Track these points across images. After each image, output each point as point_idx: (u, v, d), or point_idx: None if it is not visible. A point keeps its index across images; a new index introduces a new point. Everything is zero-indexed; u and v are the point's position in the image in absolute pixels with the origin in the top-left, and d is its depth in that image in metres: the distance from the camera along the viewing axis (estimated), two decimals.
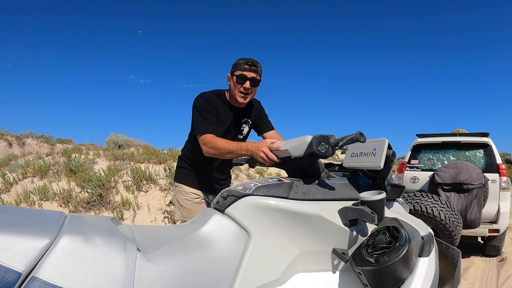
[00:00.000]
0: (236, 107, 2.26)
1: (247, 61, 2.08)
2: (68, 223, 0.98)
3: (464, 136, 5.30)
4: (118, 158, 7.98)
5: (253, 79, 2.10)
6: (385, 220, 1.26)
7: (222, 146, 1.91)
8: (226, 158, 1.94)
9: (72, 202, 5.84)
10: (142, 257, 0.97)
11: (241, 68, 2.07)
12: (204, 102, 2.13)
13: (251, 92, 2.15)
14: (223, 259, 1.12)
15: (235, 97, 2.15)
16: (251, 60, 2.10)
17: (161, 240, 1.10)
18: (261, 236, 1.20)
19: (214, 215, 1.23)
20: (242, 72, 2.07)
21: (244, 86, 2.09)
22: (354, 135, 1.30)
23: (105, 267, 0.89)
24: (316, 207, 1.25)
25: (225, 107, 2.23)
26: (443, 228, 3.53)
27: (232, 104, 2.25)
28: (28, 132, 19.82)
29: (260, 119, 2.44)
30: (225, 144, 1.90)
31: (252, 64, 2.09)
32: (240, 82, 2.08)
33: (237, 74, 2.08)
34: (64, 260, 0.85)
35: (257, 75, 2.11)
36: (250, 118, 2.39)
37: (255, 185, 1.30)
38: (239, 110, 2.29)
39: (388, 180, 1.42)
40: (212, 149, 1.96)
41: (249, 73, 2.08)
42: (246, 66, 2.07)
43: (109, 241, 0.94)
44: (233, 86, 2.14)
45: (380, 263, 1.08)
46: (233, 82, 2.12)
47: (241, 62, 2.08)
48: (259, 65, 2.12)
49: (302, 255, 1.25)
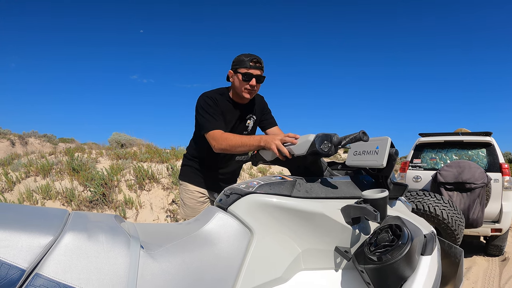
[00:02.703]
0: (240, 103, 2.26)
1: (252, 58, 2.07)
2: (72, 221, 0.99)
3: (466, 136, 5.28)
4: (121, 157, 8.00)
5: (258, 76, 2.10)
6: (387, 218, 1.26)
7: (233, 139, 1.87)
8: (238, 152, 1.89)
9: (74, 201, 5.85)
10: (145, 254, 0.97)
11: (246, 65, 2.06)
12: (209, 100, 2.12)
13: (257, 88, 2.15)
14: (226, 256, 1.12)
15: (240, 94, 2.14)
16: (255, 57, 2.09)
17: (164, 238, 1.11)
18: (264, 234, 1.20)
19: (217, 213, 1.23)
20: (248, 70, 2.06)
21: (250, 84, 2.08)
22: (357, 134, 1.30)
23: (109, 264, 0.89)
24: (319, 205, 1.25)
25: (229, 105, 2.22)
26: (445, 227, 3.52)
27: (236, 101, 2.24)
28: (30, 131, 19.82)
29: (264, 114, 2.43)
30: (237, 137, 1.87)
31: (257, 61, 2.08)
32: (246, 80, 2.07)
33: (242, 72, 2.07)
34: (67, 257, 0.86)
35: (262, 72, 2.11)
36: (255, 114, 2.37)
37: (258, 183, 1.30)
38: (243, 106, 2.28)
39: (391, 178, 1.42)
40: (223, 144, 1.91)
41: (255, 71, 2.07)
42: (251, 64, 2.06)
43: (112, 238, 0.95)
44: (238, 84, 2.12)
45: (383, 261, 1.08)
46: (238, 80, 2.10)
47: (245, 59, 2.07)
48: (262, 61, 2.11)
49: (305, 253, 1.25)
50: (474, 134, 5.34)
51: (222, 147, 1.93)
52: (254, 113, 2.37)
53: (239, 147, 1.84)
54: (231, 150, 1.91)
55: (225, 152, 1.96)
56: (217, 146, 1.96)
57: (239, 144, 1.83)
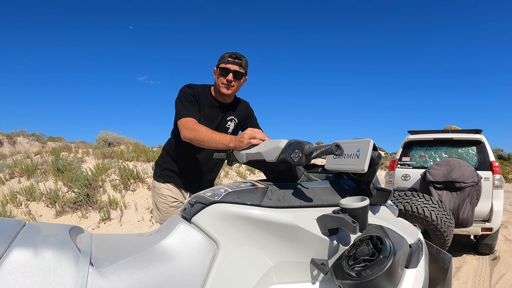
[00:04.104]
0: (221, 102, 2.22)
1: (231, 54, 2.09)
2: (22, 234, 0.93)
3: (456, 133, 5.22)
4: (107, 156, 7.86)
5: (236, 72, 2.09)
6: (369, 228, 1.16)
7: (204, 131, 1.78)
8: (204, 147, 1.80)
9: (59, 202, 5.72)
10: (95, 272, 0.90)
11: (225, 61, 2.08)
12: (189, 90, 2.12)
13: (235, 84, 2.13)
14: (187, 273, 1.02)
15: (219, 89, 2.14)
16: (235, 53, 2.10)
17: (120, 252, 1.02)
18: (230, 247, 1.10)
19: (179, 224, 1.13)
20: (226, 64, 2.08)
21: (227, 78, 2.08)
22: (329, 147, 1.15)
23: (54, 283, 0.84)
24: (291, 216, 1.14)
25: (209, 100, 2.19)
26: (434, 229, 3.46)
27: (217, 98, 2.21)
28: (19, 130, 19.53)
29: (249, 121, 2.39)
30: (208, 131, 1.78)
31: (236, 57, 2.09)
32: (223, 74, 2.08)
33: (221, 66, 2.09)
34: (12, 275, 0.81)
35: (241, 68, 2.11)
36: (237, 117, 2.31)
37: (225, 190, 1.20)
38: (224, 106, 2.24)
39: (373, 183, 1.32)
40: (192, 134, 1.83)
41: (232, 66, 2.08)
42: (230, 59, 2.08)
43: (60, 254, 0.89)
44: (216, 78, 2.14)
45: (362, 277, 0.98)
46: (217, 74, 2.13)
47: (226, 55, 2.09)
48: (244, 58, 2.11)
49: (277, 266, 1.15)
50: (464, 132, 5.29)
51: (190, 137, 1.85)
52: (235, 115, 2.31)
53: (207, 142, 1.75)
54: (198, 142, 1.82)
55: (191, 143, 1.87)
56: (186, 134, 1.89)
57: (208, 138, 1.74)
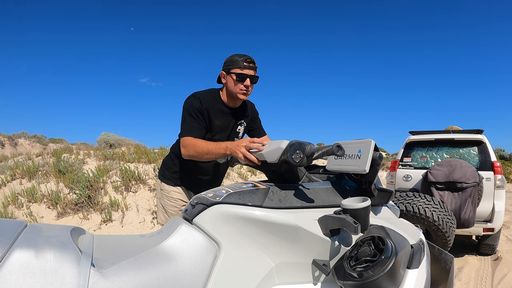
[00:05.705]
0: (232, 107, 2.18)
1: (246, 59, 2.02)
2: (23, 235, 0.93)
3: (458, 133, 5.21)
4: (108, 158, 7.87)
5: (252, 76, 2.05)
6: (370, 229, 1.16)
7: (200, 146, 1.83)
8: (205, 160, 1.85)
9: (60, 204, 5.72)
10: (96, 273, 0.91)
11: (240, 66, 2.01)
12: (195, 102, 2.04)
13: (251, 89, 2.10)
14: (189, 274, 1.02)
15: (235, 96, 2.07)
16: (249, 57, 2.04)
17: (121, 253, 1.02)
18: (232, 248, 1.10)
19: (181, 225, 1.13)
20: (242, 70, 2.01)
21: (245, 84, 2.03)
22: (330, 148, 1.16)
23: (55, 284, 0.84)
24: (292, 217, 1.14)
25: (219, 108, 2.13)
26: (436, 230, 3.45)
27: (228, 104, 2.16)
28: (20, 132, 19.56)
29: (254, 122, 2.38)
30: (204, 144, 1.82)
31: (251, 61, 2.04)
32: (240, 80, 2.02)
33: (237, 72, 2.01)
34: (14, 276, 0.81)
35: (255, 72, 2.07)
36: (245, 120, 2.30)
37: (226, 191, 1.20)
38: (235, 111, 2.21)
39: (375, 184, 1.32)
40: (191, 151, 1.88)
41: (249, 71, 2.03)
42: (245, 64, 2.01)
43: (61, 255, 0.89)
44: (232, 85, 2.05)
45: (364, 278, 0.98)
46: (232, 80, 2.03)
47: (239, 59, 2.01)
48: (255, 61, 2.08)
49: (279, 267, 1.15)
50: (465, 132, 5.28)
51: (190, 154, 1.90)
52: (245, 119, 2.30)
53: (206, 155, 1.81)
54: (198, 158, 1.88)
55: (193, 159, 1.92)
56: (185, 153, 1.94)
57: (206, 151, 1.80)
